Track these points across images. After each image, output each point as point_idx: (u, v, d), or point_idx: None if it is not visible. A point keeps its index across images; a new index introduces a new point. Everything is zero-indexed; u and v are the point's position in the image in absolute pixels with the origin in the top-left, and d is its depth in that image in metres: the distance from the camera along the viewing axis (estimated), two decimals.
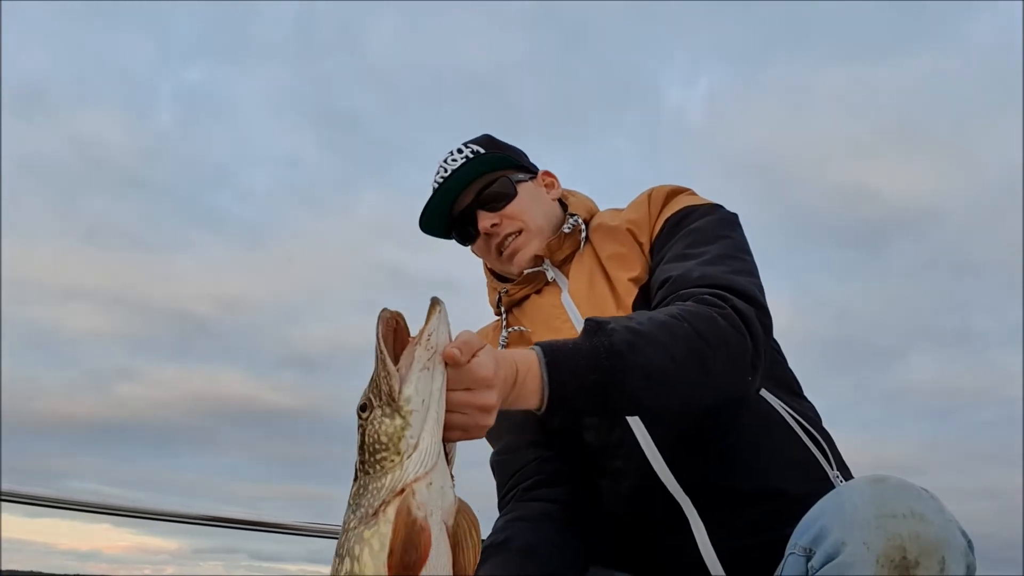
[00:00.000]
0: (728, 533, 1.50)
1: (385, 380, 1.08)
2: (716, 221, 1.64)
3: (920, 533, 1.09)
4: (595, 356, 1.24)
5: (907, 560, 1.07)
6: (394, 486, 1.05)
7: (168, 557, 3.38)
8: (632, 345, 1.27)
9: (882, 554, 1.08)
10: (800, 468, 1.54)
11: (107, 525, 3.06)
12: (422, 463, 1.06)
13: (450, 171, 1.78)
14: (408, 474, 1.05)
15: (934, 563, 1.07)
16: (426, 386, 1.08)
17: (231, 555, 3.32)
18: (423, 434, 1.07)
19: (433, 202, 1.80)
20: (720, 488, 1.51)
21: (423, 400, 1.07)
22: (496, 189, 1.78)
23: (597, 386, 1.24)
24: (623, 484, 1.58)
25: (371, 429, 1.08)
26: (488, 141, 1.88)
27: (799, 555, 1.21)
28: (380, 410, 1.08)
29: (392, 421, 1.06)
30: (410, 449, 1.06)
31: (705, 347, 1.32)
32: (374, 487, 1.07)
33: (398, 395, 1.07)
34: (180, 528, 2.89)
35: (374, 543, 1.04)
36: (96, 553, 3.26)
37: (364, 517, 1.06)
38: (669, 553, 1.56)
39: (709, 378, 1.35)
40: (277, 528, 2.88)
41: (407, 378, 1.07)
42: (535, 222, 1.79)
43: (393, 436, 1.06)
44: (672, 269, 1.53)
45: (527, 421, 1.72)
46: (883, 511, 1.12)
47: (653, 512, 1.54)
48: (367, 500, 1.07)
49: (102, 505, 2.56)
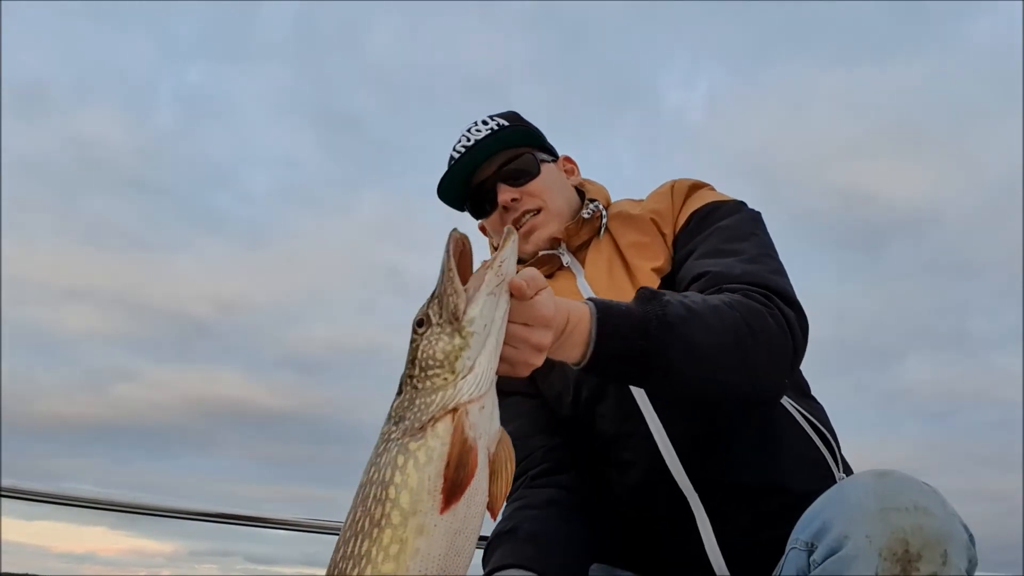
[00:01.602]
0: (733, 530, 1.50)
1: (452, 298, 1.07)
2: (746, 219, 1.65)
3: (923, 526, 1.08)
4: (646, 323, 1.25)
5: (909, 553, 1.07)
6: (445, 404, 1.05)
7: (164, 560, 3.36)
8: (684, 320, 1.28)
9: (885, 547, 1.08)
10: (809, 467, 1.54)
11: (103, 528, 3.05)
12: (477, 386, 1.06)
13: (473, 140, 1.75)
14: (462, 395, 1.05)
15: (936, 556, 1.07)
16: (490, 311, 1.07)
17: (227, 558, 3.31)
18: (480, 358, 1.06)
19: (454, 170, 1.76)
20: (729, 484, 1.50)
21: (485, 324, 1.07)
22: (519, 165, 1.75)
23: (642, 352, 1.24)
24: (631, 476, 1.57)
25: (426, 345, 1.07)
26: (514, 116, 1.84)
27: (801, 549, 1.21)
28: (440, 327, 1.07)
29: (451, 340, 1.06)
30: (465, 370, 1.05)
31: (752, 339, 1.33)
32: (422, 402, 1.06)
33: (462, 315, 1.06)
34: (176, 530, 2.88)
35: (420, 456, 1.03)
36: (91, 556, 3.24)
37: (410, 430, 1.05)
38: (672, 548, 1.56)
39: (749, 370, 1.36)
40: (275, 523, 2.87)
41: (473, 299, 1.06)
42: (555, 203, 1.76)
43: (450, 355, 1.06)
44: (709, 264, 1.52)
45: (538, 408, 1.72)
46: (886, 504, 1.11)
47: (659, 506, 1.54)
48: (414, 414, 1.06)
49: (99, 500, 2.56)
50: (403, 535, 1.01)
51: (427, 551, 1.01)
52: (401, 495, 1.02)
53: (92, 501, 2.56)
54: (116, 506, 2.62)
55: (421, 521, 1.01)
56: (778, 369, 1.41)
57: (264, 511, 3.03)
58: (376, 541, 1.02)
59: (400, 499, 1.02)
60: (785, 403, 1.58)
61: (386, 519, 1.02)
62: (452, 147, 1.80)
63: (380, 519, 1.03)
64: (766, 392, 1.45)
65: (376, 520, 1.03)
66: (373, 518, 1.03)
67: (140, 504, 2.66)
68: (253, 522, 2.80)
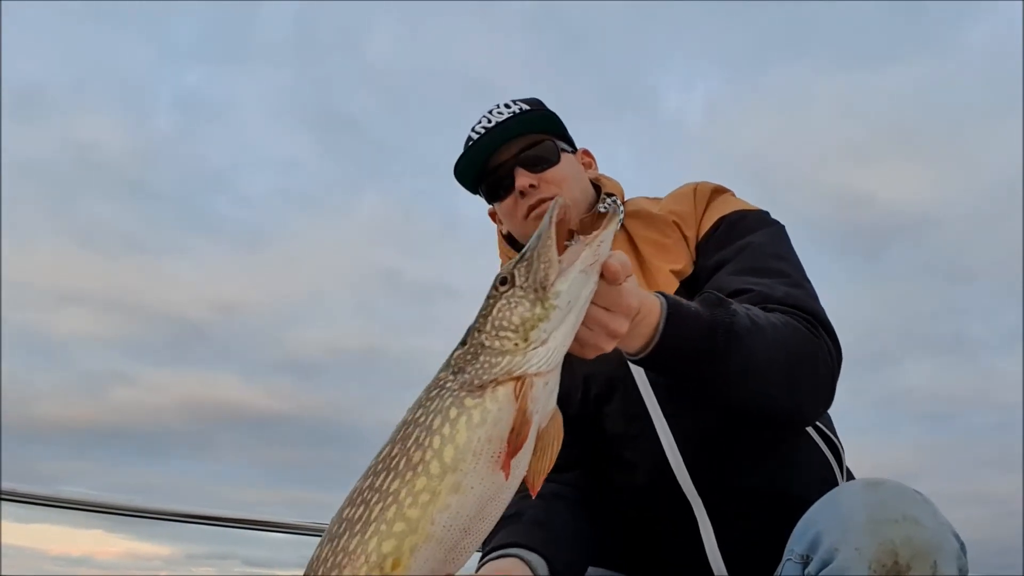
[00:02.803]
0: (735, 533, 1.50)
1: (544, 266, 1.04)
2: (777, 235, 1.64)
3: (912, 537, 1.09)
4: (713, 327, 1.26)
5: (899, 564, 1.08)
6: (511, 369, 1.02)
7: (161, 563, 3.35)
8: (749, 332, 1.29)
9: (874, 559, 1.08)
10: (814, 474, 1.54)
11: (99, 531, 3.04)
12: (547, 360, 1.04)
13: (494, 122, 1.72)
14: (530, 365, 1.03)
15: (926, 567, 1.08)
16: (578, 289, 1.05)
17: (224, 561, 3.30)
18: (556, 332, 1.04)
19: (472, 150, 1.72)
20: (732, 489, 1.51)
21: (569, 301, 1.04)
22: (539, 151, 1.71)
23: (704, 355, 1.25)
24: (636, 476, 1.57)
25: (504, 305, 1.05)
26: (537, 103, 1.82)
27: (796, 562, 1.22)
28: (523, 291, 1.05)
29: (532, 308, 1.03)
30: (538, 342, 1.03)
31: (802, 363, 1.36)
32: (487, 360, 1.04)
33: (550, 286, 1.03)
34: (173, 534, 2.88)
35: (475, 415, 1.02)
36: (88, 559, 3.23)
37: (468, 384, 1.04)
38: (673, 549, 1.57)
39: (795, 392, 1.38)
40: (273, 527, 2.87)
41: (565, 273, 1.04)
42: (571, 194, 1.71)
43: (527, 322, 1.03)
44: (751, 282, 1.50)
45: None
46: (876, 516, 1.12)
47: (662, 507, 1.54)
48: (475, 369, 1.04)
49: (97, 503, 2.56)
50: (437, 487, 1.00)
51: (457, 509, 1.01)
52: (446, 448, 1.01)
53: (90, 504, 2.55)
54: (114, 509, 2.62)
55: (459, 480, 1.00)
56: (819, 395, 1.43)
57: (261, 514, 3.02)
58: (408, 484, 1.01)
59: (444, 451, 1.01)
60: None
61: (424, 466, 1.01)
62: (471, 127, 1.77)
63: (417, 464, 1.01)
64: (804, 416, 1.47)
65: (413, 463, 1.01)
66: (411, 460, 1.02)
67: (137, 507, 2.66)
68: (251, 525, 2.80)
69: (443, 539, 1.02)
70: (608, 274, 1.07)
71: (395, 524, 1.00)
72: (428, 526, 1.00)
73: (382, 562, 1.00)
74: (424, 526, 1.00)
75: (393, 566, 1.00)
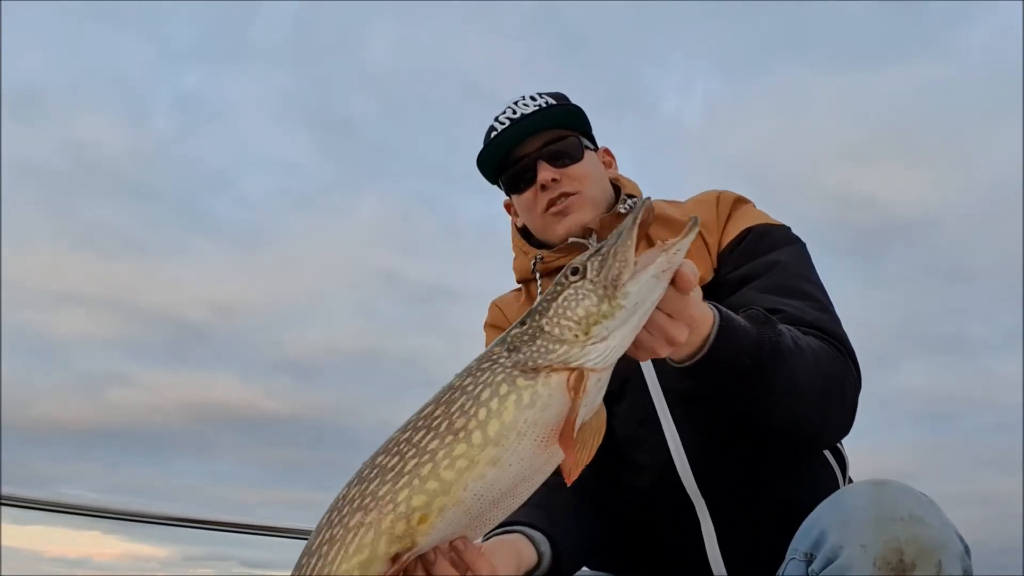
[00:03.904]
0: (737, 537, 1.51)
1: (619, 265, 1.04)
2: (802, 255, 1.65)
3: (917, 536, 1.09)
4: (760, 345, 1.27)
5: (904, 562, 1.08)
6: (567, 360, 1.03)
7: (158, 565, 3.34)
8: (792, 353, 1.31)
9: (879, 556, 1.08)
10: (818, 481, 1.54)
11: (97, 532, 3.03)
12: (604, 357, 1.04)
13: (520, 114, 1.72)
14: (587, 359, 1.03)
15: (931, 566, 1.08)
16: (647, 293, 1.05)
17: (222, 562, 3.29)
18: (617, 332, 1.04)
19: (496, 141, 1.73)
20: (736, 494, 1.52)
21: (636, 303, 1.04)
22: (563, 146, 1.71)
23: (748, 371, 1.26)
24: (642, 478, 1.58)
25: (572, 295, 1.05)
26: (563, 97, 1.82)
27: (800, 560, 1.22)
28: (592, 285, 1.05)
29: (599, 304, 1.04)
30: (598, 338, 1.04)
31: (834, 391, 1.40)
32: (544, 344, 1.04)
33: (621, 285, 1.04)
34: (170, 535, 2.87)
35: (525, 396, 1.03)
36: (86, 560, 3.22)
37: (521, 364, 1.04)
38: (674, 550, 1.57)
39: (824, 415, 1.40)
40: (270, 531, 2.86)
41: (637, 276, 1.04)
42: (592, 191, 1.72)
43: (590, 317, 1.04)
44: (780, 303, 1.50)
45: None
46: (881, 514, 1.12)
47: (666, 510, 1.55)
48: (532, 351, 1.05)
49: (95, 508, 2.55)
50: (476, 457, 1.02)
51: (492, 481, 1.02)
52: (491, 422, 1.02)
53: (88, 509, 2.54)
54: (112, 514, 2.61)
55: (499, 454, 1.02)
56: (843, 421, 1.45)
57: (260, 516, 3.01)
58: (447, 447, 1.02)
59: (488, 425, 1.02)
60: None
61: (466, 433, 1.02)
62: (494, 117, 1.78)
63: (459, 430, 1.03)
64: (827, 439, 1.49)
65: (455, 429, 1.03)
66: (453, 425, 1.03)
67: (136, 512, 2.65)
68: (249, 530, 2.79)
69: (471, 507, 1.04)
70: (680, 282, 1.08)
71: (428, 482, 1.02)
72: (460, 491, 1.02)
73: (410, 515, 1.02)
74: (457, 490, 1.02)
75: (420, 521, 1.02)
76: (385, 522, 1.03)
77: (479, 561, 1.09)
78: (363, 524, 1.03)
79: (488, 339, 1.85)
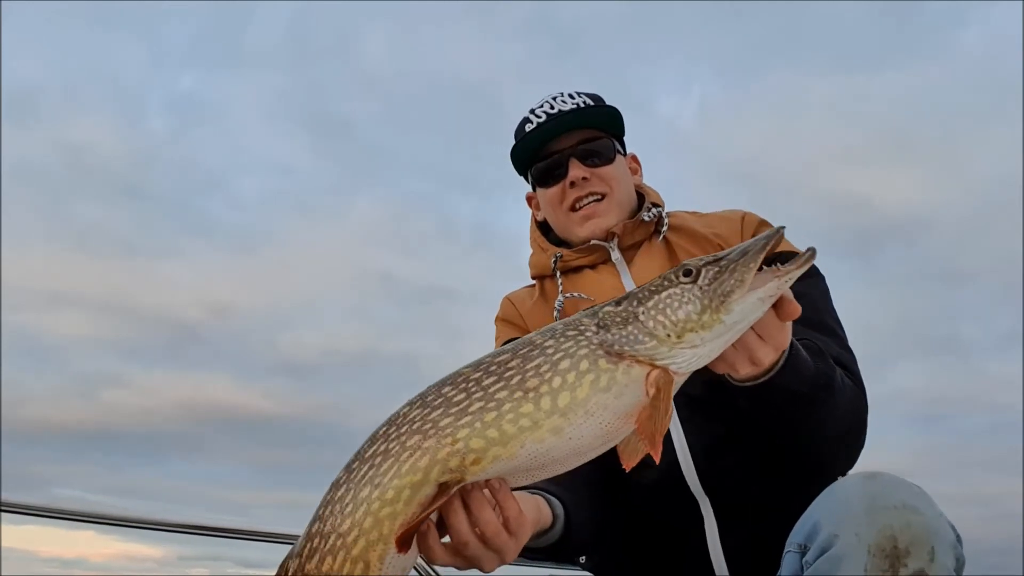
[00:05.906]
0: (739, 536, 1.53)
1: (734, 283, 1.05)
2: (824, 289, 1.67)
3: (911, 523, 1.10)
4: (816, 378, 1.32)
5: (898, 549, 1.09)
6: (653, 356, 1.04)
7: (154, 565, 3.33)
8: (839, 390, 1.38)
9: (874, 543, 1.10)
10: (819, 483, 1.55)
11: (91, 532, 3.02)
12: (689, 364, 1.06)
13: (558, 110, 1.75)
14: (674, 361, 1.05)
15: (924, 553, 1.09)
16: (750, 314, 1.07)
17: (217, 562, 3.28)
18: (709, 343, 1.06)
19: (532, 134, 1.76)
20: (739, 494, 1.54)
21: (736, 322, 1.06)
22: (597, 147, 1.74)
23: (799, 398, 1.30)
24: (647, 476, 1.57)
25: (677, 295, 1.06)
26: (599, 99, 1.84)
27: (795, 552, 1.23)
28: (701, 292, 1.06)
29: (701, 314, 1.05)
30: (688, 344, 1.05)
31: (857, 428, 1.48)
32: (633, 333, 1.05)
33: (729, 301, 1.05)
34: (166, 535, 2.86)
35: (603, 379, 1.04)
36: (80, 561, 3.20)
37: (608, 343, 1.05)
38: (676, 550, 1.59)
39: (842, 447, 1.49)
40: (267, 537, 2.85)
41: (746, 297, 1.05)
42: (618, 195, 1.75)
43: (689, 322, 1.05)
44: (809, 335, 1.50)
45: None
46: (874, 503, 1.14)
47: (670, 508, 1.57)
48: (620, 335, 1.06)
49: (88, 513, 2.54)
50: (540, 420, 1.03)
51: (549, 447, 1.04)
52: (563, 393, 1.03)
53: (83, 514, 2.53)
54: (107, 519, 2.59)
55: (563, 425, 1.03)
56: (854, 455, 1.52)
57: (254, 517, 3.00)
58: (515, 401, 1.04)
59: (560, 394, 1.03)
60: None
61: (536, 395, 1.03)
62: (530, 110, 1.80)
63: (530, 390, 1.04)
64: (840, 470, 1.52)
65: (526, 387, 1.04)
66: (525, 382, 1.04)
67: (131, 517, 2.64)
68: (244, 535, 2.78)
69: (521, 463, 1.06)
70: (785, 309, 1.11)
71: (490, 429, 1.04)
72: (517, 447, 1.04)
73: (465, 453, 1.04)
74: (514, 446, 1.04)
75: (473, 462, 1.04)
76: (442, 452, 1.04)
77: (510, 502, 1.11)
78: (420, 448, 1.05)
79: (499, 333, 1.85)
